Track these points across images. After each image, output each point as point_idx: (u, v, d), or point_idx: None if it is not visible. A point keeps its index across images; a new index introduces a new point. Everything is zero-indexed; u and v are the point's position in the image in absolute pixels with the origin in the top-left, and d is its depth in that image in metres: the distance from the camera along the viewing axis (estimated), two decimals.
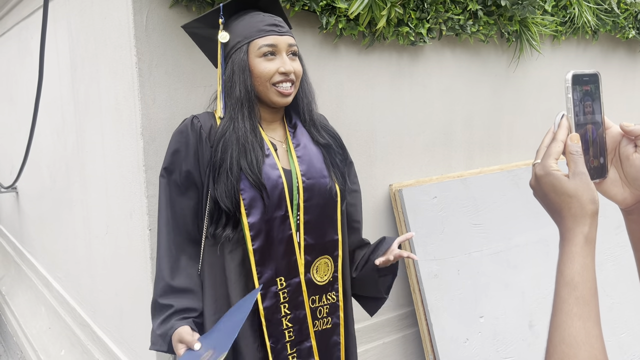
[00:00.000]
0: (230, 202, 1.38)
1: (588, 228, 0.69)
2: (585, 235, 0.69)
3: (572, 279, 0.67)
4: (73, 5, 2.24)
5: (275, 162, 1.44)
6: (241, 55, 1.40)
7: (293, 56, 1.44)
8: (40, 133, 2.83)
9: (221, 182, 1.39)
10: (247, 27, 1.41)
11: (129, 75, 1.76)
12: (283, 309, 1.46)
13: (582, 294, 0.66)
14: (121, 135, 1.91)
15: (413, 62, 2.41)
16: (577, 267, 0.67)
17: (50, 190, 3.01)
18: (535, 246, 2.72)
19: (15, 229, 4.10)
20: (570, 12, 2.86)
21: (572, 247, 0.69)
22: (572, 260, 0.68)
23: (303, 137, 1.52)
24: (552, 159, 0.72)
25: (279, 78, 1.40)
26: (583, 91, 0.75)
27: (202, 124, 1.44)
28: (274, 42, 1.40)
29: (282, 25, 1.44)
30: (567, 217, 0.70)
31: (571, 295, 0.66)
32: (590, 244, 0.69)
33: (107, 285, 2.32)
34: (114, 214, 2.10)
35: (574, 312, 0.65)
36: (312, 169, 1.48)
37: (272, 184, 1.41)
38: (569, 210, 0.70)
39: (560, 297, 0.67)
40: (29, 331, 3.34)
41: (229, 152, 1.39)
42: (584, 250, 0.68)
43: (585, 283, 0.67)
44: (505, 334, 2.53)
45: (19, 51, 3.24)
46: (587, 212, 0.69)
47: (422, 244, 2.37)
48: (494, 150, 2.81)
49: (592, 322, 0.65)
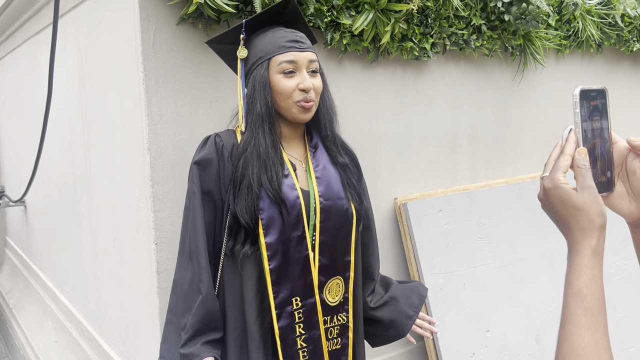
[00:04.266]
0: (249, 218, 1.38)
1: (596, 241, 0.70)
2: (593, 247, 0.70)
3: (580, 290, 0.68)
4: (82, 22, 2.28)
5: (294, 183, 1.44)
6: (262, 71, 1.41)
7: (313, 73, 1.45)
8: (49, 148, 2.87)
9: (242, 198, 1.39)
10: (268, 43, 1.42)
11: (136, 91, 1.79)
12: (298, 328, 1.46)
13: (591, 305, 0.67)
14: (128, 151, 1.93)
15: (417, 76, 2.43)
16: (585, 278, 0.68)
17: (57, 204, 3.03)
18: (541, 260, 2.71)
19: (23, 242, 4.13)
20: (574, 26, 2.88)
21: (580, 259, 0.70)
22: (580, 272, 0.69)
23: (323, 157, 1.52)
24: (560, 173, 0.73)
25: (299, 96, 1.41)
26: (591, 106, 0.76)
27: (224, 142, 1.45)
28: (294, 59, 1.41)
29: (303, 41, 1.44)
30: (575, 230, 0.71)
31: (579, 306, 0.67)
32: (598, 256, 0.70)
33: (113, 299, 2.33)
34: (121, 228, 2.12)
35: (582, 323, 0.66)
36: (330, 191, 1.48)
37: (290, 204, 1.41)
38: (577, 223, 0.71)
39: (569, 309, 0.68)
40: (36, 344, 3.35)
41: (249, 168, 1.40)
42: (591, 262, 0.69)
43: (594, 294, 0.67)
44: (511, 349, 2.51)
45: (29, 67, 3.29)
46: (595, 225, 0.70)
47: (427, 258, 2.37)
48: (499, 163, 2.82)
49: (601, 334, 0.66)
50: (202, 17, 1.77)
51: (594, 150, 0.76)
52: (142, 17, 1.72)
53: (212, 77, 1.85)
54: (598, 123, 0.77)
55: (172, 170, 1.79)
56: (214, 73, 1.85)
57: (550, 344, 2.60)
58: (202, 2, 1.63)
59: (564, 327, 0.68)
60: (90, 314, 2.68)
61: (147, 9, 1.72)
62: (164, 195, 1.80)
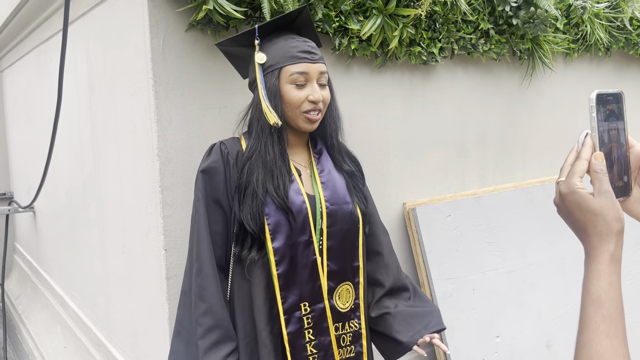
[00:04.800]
0: (255, 224, 1.38)
1: (614, 246, 0.69)
2: (611, 253, 0.69)
3: (598, 296, 0.67)
4: (91, 29, 2.29)
5: (300, 188, 1.45)
6: (273, 80, 1.41)
7: (323, 85, 1.45)
8: (58, 154, 2.88)
9: (246, 204, 1.40)
10: (280, 51, 1.42)
11: (145, 97, 1.80)
12: (307, 334, 1.45)
13: (609, 312, 0.66)
14: (137, 156, 1.94)
15: (425, 81, 2.43)
16: (603, 284, 0.68)
17: (66, 210, 3.05)
18: (551, 264, 2.69)
19: (32, 248, 4.15)
20: (582, 29, 2.87)
21: (598, 265, 0.69)
22: (598, 278, 0.68)
23: (327, 163, 1.53)
24: (577, 177, 0.73)
25: (308, 107, 1.41)
26: (607, 110, 0.76)
27: (229, 150, 1.46)
28: (305, 70, 1.41)
29: (315, 52, 1.44)
30: (592, 235, 0.71)
31: (597, 313, 0.66)
32: (616, 261, 0.69)
33: (122, 305, 2.34)
34: (130, 234, 2.12)
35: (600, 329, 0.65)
36: (335, 195, 1.48)
37: (296, 209, 1.42)
38: (595, 229, 0.70)
39: (587, 315, 0.67)
40: (45, 350, 3.36)
41: (254, 175, 1.40)
42: (609, 268, 0.68)
43: (612, 301, 0.67)
44: (522, 354, 2.49)
45: (38, 73, 3.31)
46: (612, 230, 0.69)
47: (436, 263, 2.36)
48: (507, 168, 2.81)
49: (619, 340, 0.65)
50: (211, 24, 1.78)
51: (610, 154, 0.75)
52: (151, 24, 1.73)
53: (221, 83, 1.85)
54: (614, 127, 0.76)
55: (182, 176, 1.80)
56: (222, 79, 1.86)
57: (561, 350, 2.58)
58: (211, 8, 1.63)
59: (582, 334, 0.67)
60: (99, 319, 2.68)
61: (157, 16, 1.73)
62: (174, 201, 1.80)
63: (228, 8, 1.65)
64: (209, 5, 1.63)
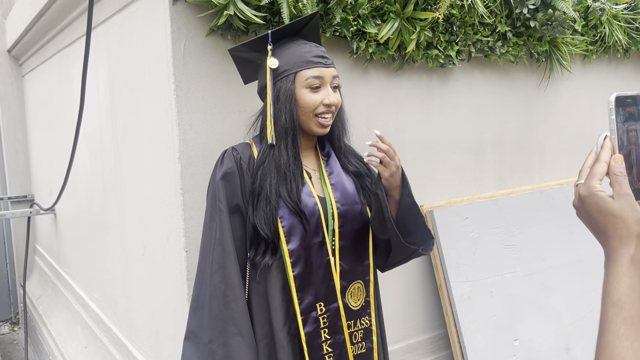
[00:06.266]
0: (269, 230, 1.40)
1: (634, 249, 0.69)
2: (631, 255, 0.69)
3: (619, 299, 0.67)
4: (113, 35, 2.33)
5: (311, 190, 1.47)
6: (288, 84, 1.43)
7: (335, 88, 1.48)
8: (79, 157, 2.93)
9: (260, 210, 1.41)
10: (294, 56, 1.44)
11: (167, 101, 1.83)
12: (323, 334, 1.47)
13: (630, 315, 0.66)
14: (159, 159, 1.97)
15: (442, 83, 2.43)
16: (623, 287, 0.68)
17: (87, 212, 3.09)
18: (569, 267, 2.67)
19: (53, 250, 4.21)
20: (600, 31, 2.85)
21: (618, 267, 0.69)
22: (619, 281, 0.68)
23: (336, 165, 1.55)
24: (596, 180, 0.73)
25: (322, 109, 1.44)
26: (626, 112, 0.76)
27: (241, 155, 1.48)
28: (320, 74, 1.43)
29: (327, 57, 1.47)
30: (612, 238, 0.71)
31: (618, 315, 0.67)
32: (636, 264, 0.69)
33: (143, 306, 2.37)
34: (151, 236, 2.15)
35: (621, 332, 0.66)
36: (345, 196, 1.51)
37: (309, 212, 1.44)
38: (615, 231, 0.70)
39: (607, 318, 0.68)
40: (66, 350, 3.41)
41: (267, 179, 1.42)
42: (630, 271, 0.68)
43: (633, 303, 0.67)
44: (540, 358, 2.48)
45: (59, 78, 3.37)
46: (633, 233, 0.70)
47: (454, 266, 2.36)
48: (525, 170, 2.79)
49: None
50: (231, 29, 1.81)
51: (629, 156, 0.75)
52: (172, 30, 1.76)
53: (240, 87, 1.88)
54: (633, 129, 0.76)
55: (202, 178, 1.82)
56: (241, 84, 1.88)
57: (580, 354, 2.56)
58: (231, 13, 1.66)
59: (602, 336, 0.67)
60: (120, 320, 2.72)
61: (178, 22, 1.76)
62: (194, 203, 1.83)
63: (248, 13, 1.67)
64: (230, 10, 1.65)
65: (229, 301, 1.39)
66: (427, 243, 1.52)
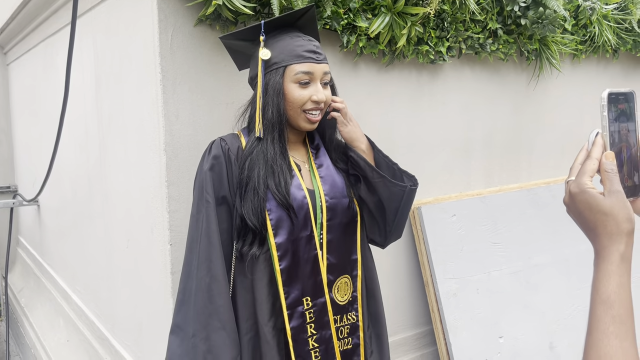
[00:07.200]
0: (256, 220, 1.38)
1: (624, 246, 0.69)
2: (621, 253, 0.69)
3: (608, 297, 0.67)
4: (99, 23, 2.29)
5: (300, 183, 1.45)
6: (277, 77, 1.40)
7: (325, 85, 1.45)
8: (64, 147, 2.88)
9: (248, 200, 1.39)
10: (285, 49, 1.42)
11: (153, 92, 1.80)
12: (309, 329, 1.46)
13: (619, 313, 0.66)
14: (144, 151, 1.94)
15: (432, 80, 2.42)
16: (613, 285, 0.67)
17: (71, 204, 3.05)
18: (555, 266, 2.69)
19: (36, 241, 4.16)
20: (590, 31, 2.86)
21: (608, 265, 0.69)
22: (608, 279, 0.68)
23: (325, 158, 1.54)
24: (587, 177, 0.72)
25: (311, 106, 1.42)
26: (618, 109, 0.75)
27: (229, 146, 1.45)
28: (310, 70, 1.41)
29: (319, 52, 1.45)
30: (602, 235, 0.70)
31: (607, 313, 0.66)
32: (626, 262, 0.69)
33: (126, 299, 2.34)
34: (135, 228, 2.12)
35: (610, 330, 0.65)
36: (334, 189, 1.49)
37: (297, 205, 1.42)
38: (605, 229, 0.70)
39: (596, 316, 0.67)
40: (47, 343, 3.37)
41: (255, 170, 1.40)
42: (619, 268, 0.68)
43: (622, 302, 0.66)
44: (525, 355, 2.49)
45: (44, 67, 3.31)
46: (623, 231, 0.69)
47: (441, 263, 2.36)
48: (513, 168, 2.80)
49: (629, 342, 0.65)
50: (219, 19, 1.78)
51: (620, 154, 0.75)
52: (160, 19, 1.73)
53: (229, 79, 1.85)
54: (625, 126, 0.76)
55: (188, 170, 1.80)
56: (230, 75, 1.86)
57: (564, 352, 2.57)
58: (220, 3, 1.63)
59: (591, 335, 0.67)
60: (103, 313, 2.69)
61: (165, 11, 1.73)
62: (180, 196, 1.80)
63: (237, 3, 1.65)
64: (218, 0, 1.63)
65: (213, 295, 1.37)
66: (413, 180, 1.53)
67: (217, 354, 1.36)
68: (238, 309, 1.45)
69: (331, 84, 1.51)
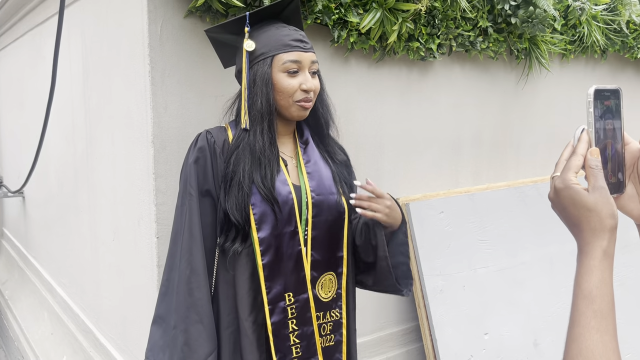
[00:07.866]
0: (240, 216, 1.37)
1: (607, 242, 0.69)
2: (603, 249, 0.69)
3: (590, 292, 0.67)
4: (87, 13, 2.27)
5: (286, 178, 1.43)
6: (265, 67, 1.39)
7: (314, 74, 1.44)
8: (50, 139, 2.85)
9: (232, 195, 1.38)
10: (272, 39, 1.40)
11: (141, 83, 1.78)
12: (291, 324, 1.45)
13: (600, 308, 0.66)
14: (132, 143, 1.92)
15: (422, 77, 2.42)
16: (595, 280, 0.68)
17: (57, 196, 3.02)
18: (541, 264, 2.71)
19: (21, 233, 4.11)
20: (579, 31, 2.88)
21: (590, 260, 0.69)
22: (590, 274, 0.68)
23: (314, 153, 1.52)
24: (572, 173, 0.73)
25: (301, 96, 1.40)
26: (604, 106, 0.75)
27: (215, 139, 1.44)
28: (298, 59, 1.40)
29: (306, 41, 1.44)
30: (585, 231, 0.71)
31: (589, 308, 0.67)
32: (608, 258, 0.69)
33: (111, 292, 2.32)
34: (122, 221, 2.11)
35: (591, 325, 0.66)
36: (321, 186, 1.48)
37: (282, 200, 1.40)
38: (588, 224, 0.70)
39: (578, 310, 0.68)
40: (31, 336, 3.34)
41: (241, 165, 1.39)
42: (602, 264, 0.69)
43: (603, 297, 0.67)
44: (509, 352, 2.51)
45: (31, 57, 3.27)
46: (606, 227, 0.69)
47: (428, 259, 2.37)
48: (501, 166, 2.82)
49: (610, 336, 0.65)
50: (210, 11, 1.77)
51: (605, 150, 0.75)
52: (149, 9, 1.71)
53: (218, 71, 1.84)
54: (610, 123, 0.76)
55: (176, 163, 1.79)
56: (219, 67, 1.84)
57: (548, 349, 2.60)
58: None
59: (572, 329, 0.67)
60: (88, 306, 2.67)
61: (155, 1, 1.72)
62: (167, 188, 1.79)
63: None
64: None
65: (192, 288, 1.37)
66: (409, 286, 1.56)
67: (193, 347, 1.36)
68: (220, 302, 1.45)
69: (318, 73, 1.49)
